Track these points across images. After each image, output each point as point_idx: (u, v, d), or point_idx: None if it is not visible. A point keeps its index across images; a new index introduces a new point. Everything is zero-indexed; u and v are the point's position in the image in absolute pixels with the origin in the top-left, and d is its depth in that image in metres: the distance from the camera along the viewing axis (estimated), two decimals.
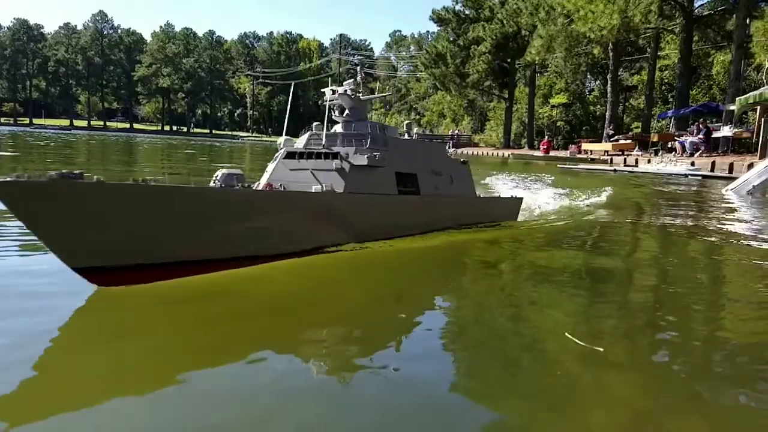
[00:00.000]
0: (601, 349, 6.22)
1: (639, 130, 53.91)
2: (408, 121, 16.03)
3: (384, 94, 15.35)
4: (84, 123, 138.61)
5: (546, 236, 14.70)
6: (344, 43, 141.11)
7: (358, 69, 15.43)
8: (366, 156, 11.80)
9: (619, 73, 59.09)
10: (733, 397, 5.36)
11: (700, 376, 5.90)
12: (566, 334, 6.62)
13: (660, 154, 41.67)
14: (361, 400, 5.15)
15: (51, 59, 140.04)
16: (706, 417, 5.05)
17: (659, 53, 55.42)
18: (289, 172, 11.94)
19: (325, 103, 13.43)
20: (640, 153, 44.02)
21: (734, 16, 42.82)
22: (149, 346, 6.21)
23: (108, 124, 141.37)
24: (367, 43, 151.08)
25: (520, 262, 11.86)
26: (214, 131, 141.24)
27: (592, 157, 48.09)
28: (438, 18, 72.92)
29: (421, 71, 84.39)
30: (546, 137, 62.18)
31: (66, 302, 7.40)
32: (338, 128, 13.26)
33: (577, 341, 6.39)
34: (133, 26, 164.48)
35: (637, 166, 39.39)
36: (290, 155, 12.31)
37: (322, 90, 13.17)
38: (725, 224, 16.93)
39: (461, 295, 9.28)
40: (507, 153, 60.03)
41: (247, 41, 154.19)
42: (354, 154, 11.89)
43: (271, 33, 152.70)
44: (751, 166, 28.88)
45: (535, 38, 53.92)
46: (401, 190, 12.84)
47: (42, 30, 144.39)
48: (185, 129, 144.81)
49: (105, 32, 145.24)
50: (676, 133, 44.45)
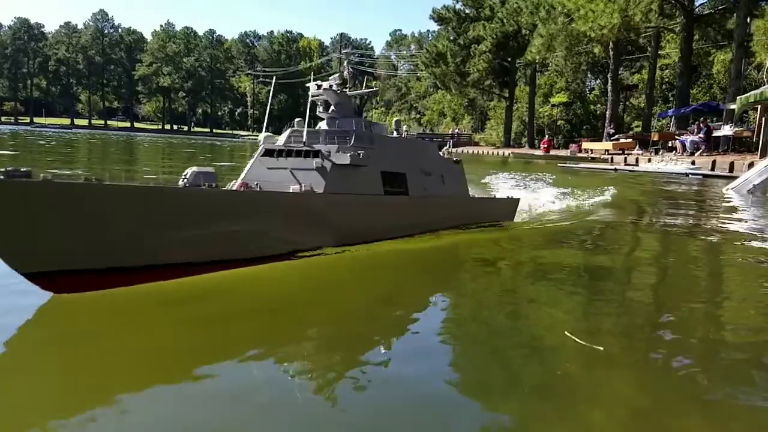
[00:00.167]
0: (601, 348, 6.25)
1: (639, 129, 53.86)
2: (397, 118, 15.41)
3: (371, 90, 14.44)
4: (85, 122, 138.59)
5: (544, 236, 14.64)
6: (345, 42, 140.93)
7: (345, 63, 14.71)
8: (349, 154, 11.22)
9: (620, 72, 59.03)
10: (734, 395, 5.39)
11: (701, 375, 5.92)
12: (566, 332, 6.65)
13: (660, 153, 41.62)
14: (358, 398, 5.16)
15: (52, 58, 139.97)
16: (707, 416, 5.08)
17: (660, 52, 55.32)
18: (267, 171, 11.32)
19: (312, 99, 12.92)
20: (640, 152, 43.98)
21: (735, 14, 42.76)
22: (117, 357, 5.80)
23: (109, 123, 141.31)
24: (367, 42, 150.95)
25: (519, 262, 11.89)
26: (214, 130, 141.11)
27: (592, 156, 48.06)
28: (438, 17, 72.84)
29: (422, 70, 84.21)
30: (546, 136, 62.08)
31: (14, 313, 6.82)
32: (323, 125, 12.71)
33: (576, 340, 6.42)
34: (134, 25, 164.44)
35: (638, 165, 39.36)
36: (268, 153, 11.67)
37: (306, 85, 12.58)
38: (726, 223, 16.95)
39: (459, 294, 9.31)
40: (507, 152, 59.99)
41: (248, 40, 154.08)
42: (336, 153, 11.32)
43: (272, 32, 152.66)
44: (751, 165, 28.87)
45: (536, 37, 53.85)
46: (388, 191, 12.29)
47: (43, 29, 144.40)
48: (186, 128, 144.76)
49: (106, 31, 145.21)
50: (677, 132, 44.40)
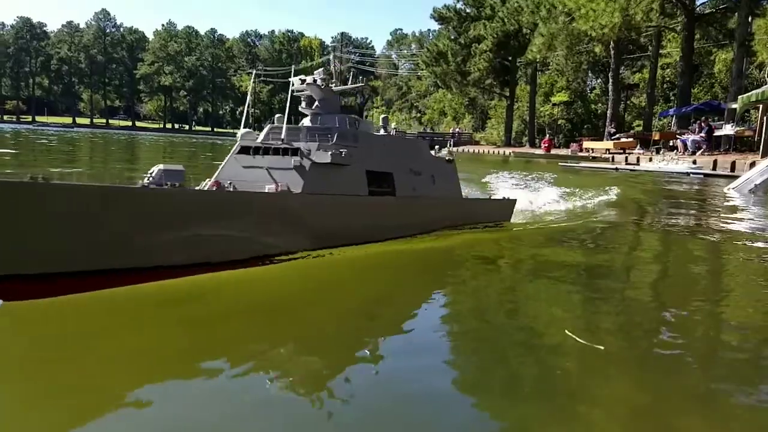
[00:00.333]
0: (602, 347, 6.25)
1: (640, 128, 53.80)
2: (384, 115, 14.28)
3: (357, 86, 13.79)
4: (86, 121, 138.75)
5: (543, 236, 14.54)
6: (345, 41, 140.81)
7: (331, 57, 14.14)
8: (330, 153, 10.67)
9: (621, 72, 58.91)
10: (735, 394, 5.40)
11: (702, 374, 5.94)
12: (566, 331, 6.67)
13: (661, 152, 41.61)
14: (357, 396, 5.18)
15: (54, 57, 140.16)
16: (708, 415, 5.08)
17: (661, 51, 55.21)
18: (242, 169, 10.70)
19: (296, 94, 12.33)
20: (641, 151, 43.95)
21: (736, 14, 42.68)
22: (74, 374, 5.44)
23: (110, 122, 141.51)
24: (368, 41, 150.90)
25: (519, 261, 11.92)
26: (215, 129, 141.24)
27: (593, 155, 48.02)
28: (439, 16, 72.76)
29: (422, 69, 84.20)
30: (547, 135, 62.01)
31: None
32: (306, 122, 12.16)
33: (577, 339, 6.43)
34: (136, 25, 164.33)
35: (639, 165, 39.32)
36: (244, 150, 11.03)
37: (289, 80, 12.23)
38: (727, 223, 16.97)
39: (458, 293, 9.31)
40: (508, 151, 59.93)
41: (249, 39, 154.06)
42: (316, 151, 10.75)
43: (273, 31, 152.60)
44: (753, 164, 28.83)
45: (536, 36, 53.77)
46: (373, 191, 11.73)
47: (45, 28, 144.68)
48: (187, 127, 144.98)
49: (108, 30, 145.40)
50: (678, 132, 44.34)
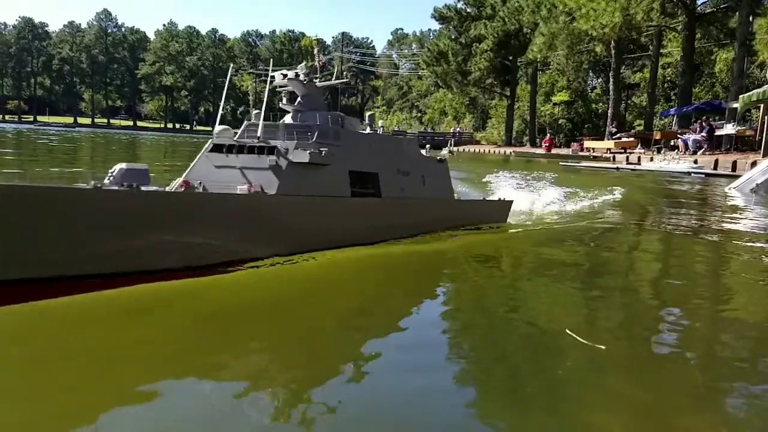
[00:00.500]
0: (603, 347, 6.25)
1: (641, 127, 53.79)
2: (370, 113, 13.48)
3: (342, 81, 13.43)
4: (88, 120, 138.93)
5: (542, 237, 14.43)
6: (346, 41, 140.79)
7: (316, 52, 13.29)
8: (308, 152, 10.02)
9: (622, 71, 58.88)
10: (737, 394, 5.39)
11: (704, 373, 5.94)
12: (567, 330, 6.67)
13: (662, 152, 41.61)
14: (354, 394, 5.18)
15: (55, 57, 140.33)
16: (711, 414, 5.07)
17: (662, 51, 55.16)
18: (214, 169, 10.11)
19: (279, 90, 11.76)
20: (642, 151, 43.94)
21: (737, 13, 42.66)
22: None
23: (111, 121, 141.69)
24: (369, 41, 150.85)
25: (519, 261, 11.92)
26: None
27: (594, 155, 48.01)
28: (440, 16, 72.76)
29: (423, 69, 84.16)
30: (548, 135, 61.99)
31: None
32: (288, 119, 11.62)
33: (578, 338, 6.43)
34: (137, 25, 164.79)
35: (640, 164, 39.31)
36: (217, 148, 10.39)
37: (271, 75, 11.73)
38: (729, 222, 16.97)
39: (457, 293, 9.31)
40: (509, 151, 59.91)
41: (250, 39, 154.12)
42: (294, 150, 10.11)
43: (274, 31, 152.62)
44: (754, 164, 28.81)
45: (537, 36, 53.74)
46: (356, 192, 11.16)
47: (47, 28, 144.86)
48: (188, 126, 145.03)
49: (109, 30, 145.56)
50: (679, 131, 44.33)
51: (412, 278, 10.02)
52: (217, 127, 10.84)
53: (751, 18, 40.05)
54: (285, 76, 11.46)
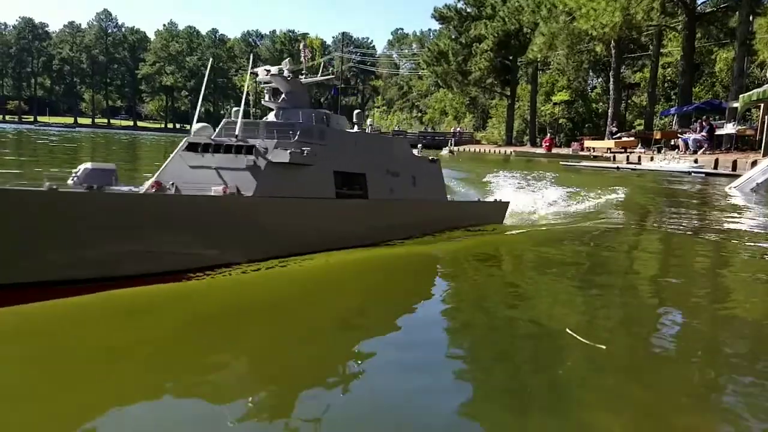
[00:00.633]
0: (603, 347, 6.25)
1: (642, 127, 53.81)
2: (358, 111, 12.95)
3: (328, 77, 12.92)
4: (88, 121, 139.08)
5: (538, 238, 14.22)
6: (346, 41, 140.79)
7: (301, 46, 12.56)
8: (289, 151, 9.53)
9: (622, 71, 58.88)
10: (738, 394, 5.38)
11: (705, 373, 5.94)
12: (567, 330, 6.67)
13: (663, 151, 41.61)
14: (352, 397, 5.16)
15: (56, 57, 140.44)
16: (712, 414, 5.07)
17: (662, 50, 55.16)
18: (189, 168, 9.55)
19: (262, 86, 11.31)
20: (642, 150, 43.95)
21: (737, 13, 42.66)
22: None
23: (112, 121, 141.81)
24: (369, 41, 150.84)
25: (519, 260, 11.92)
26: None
27: (594, 154, 48.02)
28: (440, 16, 72.75)
29: (423, 69, 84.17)
30: (548, 134, 62.01)
31: None
32: (271, 117, 11.22)
33: (579, 338, 6.43)
34: (137, 25, 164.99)
35: (640, 164, 39.32)
36: (192, 147, 9.83)
37: (254, 70, 11.35)
38: (729, 222, 16.97)
39: (457, 292, 9.32)
40: (509, 150, 59.89)
41: (250, 39, 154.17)
42: (274, 149, 9.62)
43: (274, 31, 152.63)
44: (754, 163, 28.81)
45: (537, 36, 53.73)
46: (342, 193, 10.69)
47: (47, 29, 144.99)
48: (188, 126, 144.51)
49: (109, 31, 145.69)
50: (679, 131, 44.34)
51: (411, 278, 10.03)
52: (196, 125, 10.40)
53: (751, 17, 40.06)
54: (268, 72, 11.03)
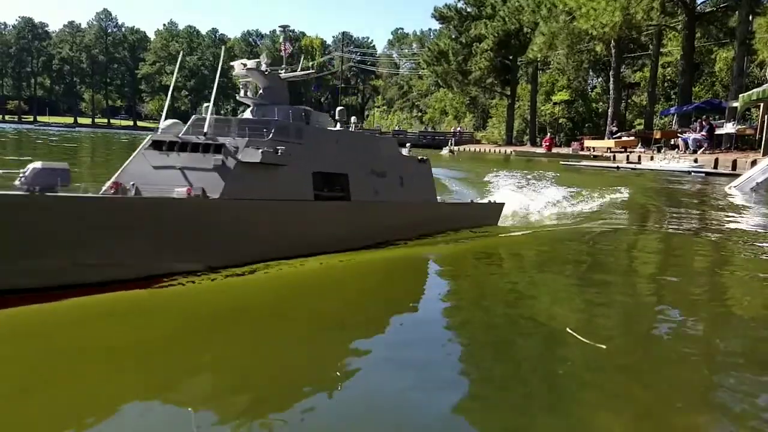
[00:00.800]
0: (604, 346, 6.27)
1: (642, 127, 53.81)
2: (341, 108, 12.06)
3: (308, 73, 12.12)
4: (88, 121, 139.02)
5: (535, 238, 14.06)
6: (347, 41, 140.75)
7: (282, 39, 11.86)
8: (261, 151, 8.89)
9: (622, 70, 58.84)
10: (739, 393, 5.39)
11: (706, 373, 5.96)
12: (568, 329, 6.69)
13: (663, 151, 41.60)
14: (353, 396, 5.18)
15: (56, 57, 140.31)
16: (712, 414, 5.08)
17: (662, 50, 55.11)
18: (152, 168, 8.89)
19: (241, 82, 10.82)
20: (642, 150, 43.96)
21: (736, 12, 42.66)
22: None
23: (112, 121, 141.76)
24: (369, 40, 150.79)
25: (520, 260, 11.94)
26: None
27: (594, 154, 48.03)
28: (440, 15, 72.73)
29: (423, 69, 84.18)
30: (548, 134, 62.01)
31: None
32: (248, 114, 10.76)
33: (579, 337, 6.45)
34: (137, 25, 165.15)
35: (640, 163, 39.32)
36: (156, 145, 9.16)
37: (231, 63, 10.86)
38: (729, 221, 16.99)
39: (456, 292, 9.34)
40: (509, 150, 59.88)
41: (250, 39, 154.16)
42: (245, 148, 8.97)
43: (274, 31, 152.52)
44: (754, 162, 28.83)
45: (537, 35, 53.73)
46: (322, 195, 10.14)
47: (47, 28, 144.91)
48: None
49: (109, 30, 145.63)
50: (679, 130, 44.33)
51: (411, 279, 10.08)
52: (164, 122, 9.76)
53: (750, 17, 40.06)
54: (245, 66, 10.52)
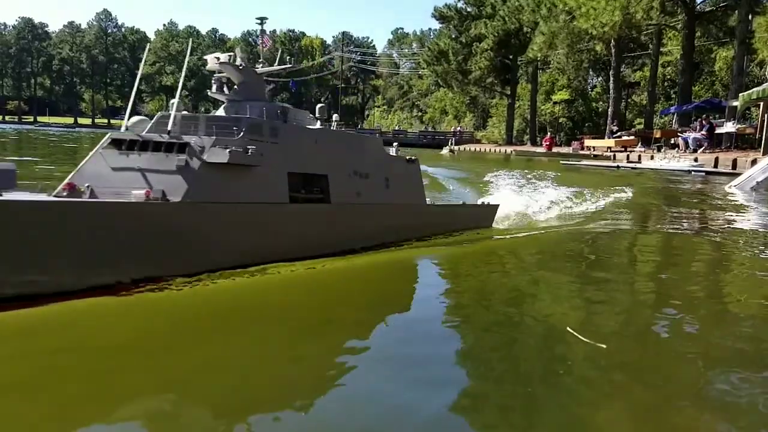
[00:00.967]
0: (604, 346, 6.28)
1: (642, 126, 53.85)
2: (321, 105, 11.41)
3: (286, 67, 11.59)
4: (88, 121, 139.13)
5: (532, 239, 13.73)
6: (347, 40, 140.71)
7: (260, 32, 11.38)
8: (228, 150, 8.30)
9: (622, 70, 58.86)
10: (740, 393, 5.40)
11: (706, 372, 5.96)
12: (568, 328, 6.70)
13: (663, 150, 41.62)
14: (354, 395, 5.20)
15: (56, 58, 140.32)
16: (713, 413, 5.08)
17: (661, 49, 55.14)
18: (110, 168, 8.30)
19: (216, 77, 10.24)
20: (643, 149, 43.99)
21: (736, 12, 42.69)
22: None
23: (112, 121, 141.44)
24: (369, 40, 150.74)
25: (520, 259, 11.95)
26: None
27: (594, 153, 48.05)
28: (440, 15, 72.76)
29: (423, 68, 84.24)
30: (548, 134, 62.04)
31: None
32: (221, 111, 10.26)
33: (580, 337, 6.46)
34: (137, 25, 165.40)
35: (640, 163, 39.36)
36: (116, 144, 8.56)
37: (204, 57, 10.37)
38: (730, 220, 17.00)
39: (456, 291, 9.36)
40: (509, 149, 59.92)
41: (251, 39, 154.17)
42: (212, 147, 8.36)
43: (274, 31, 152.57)
44: (754, 162, 28.86)
45: (537, 35, 53.80)
46: (298, 197, 9.57)
47: (47, 29, 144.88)
48: None
49: (109, 31, 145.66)
50: (679, 129, 44.36)
51: (411, 279, 10.09)
52: (131, 119, 9.28)
53: (750, 16, 40.11)
54: (218, 59, 9.94)
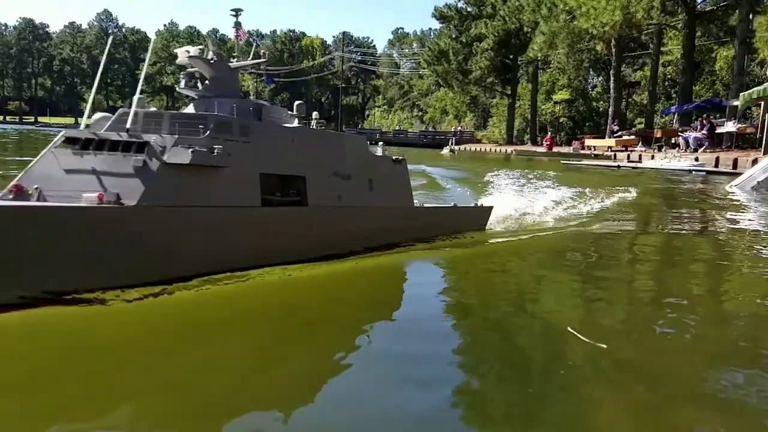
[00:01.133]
0: (604, 346, 6.30)
1: (642, 125, 53.81)
2: (299, 102, 10.64)
3: (259, 61, 11.11)
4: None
5: (534, 240, 13.61)
6: (347, 40, 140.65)
7: (234, 25, 10.92)
8: (191, 150, 7.74)
9: (622, 69, 58.81)
10: (740, 393, 5.42)
11: (706, 372, 6.00)
12: (569, 328, 6.72)
13: (664, 149, 41.61)
14: (353, 395, 5.24)
15: (56, 58, 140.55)
16: (713, 413, 5.11)
17: (662, 49, 55.07)
18: (62, 168, 7.73)
19: (189, 71, 9.75)
20: (643, 149, 43.97)
21: (737, 11, 42.66)
22: None
23: None
24: (369, 40, 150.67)
25: (520, 260, 11.97)
26: None
27: (595, 153, 48.02)
28: (440, 15, 72.76)
29: (424, 68, 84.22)
30: (549, 133, 62.02)
31: None
32: (190, 108, 9.81)
33: (580, 337, 6.48)
34: (137, 25, 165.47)
35: (641, 162, 39.35)
36: (71, 142, 8.02)
37: (174, 51, 9.85)
38: (731, 220, 17.01)
39: (456, 291, 9.38)
40: (510, 149, 59.90)
41: (250, 39, 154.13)
42: (173, 147, 7.79)
43: (274, 31, 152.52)
44: (755, 161, 28.86)
45: (538, 35, 53.77)
46: (272, 200, 9.02)
47: (47, 29, 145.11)
48: None
49: (110, 31, 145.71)
50: (680, 129, 44.34)
51: (412, 279, 10.12)
52: (93, 115, 8.82)
53: (750, 16, 40.09)
54: (188, 53, 9.44)
